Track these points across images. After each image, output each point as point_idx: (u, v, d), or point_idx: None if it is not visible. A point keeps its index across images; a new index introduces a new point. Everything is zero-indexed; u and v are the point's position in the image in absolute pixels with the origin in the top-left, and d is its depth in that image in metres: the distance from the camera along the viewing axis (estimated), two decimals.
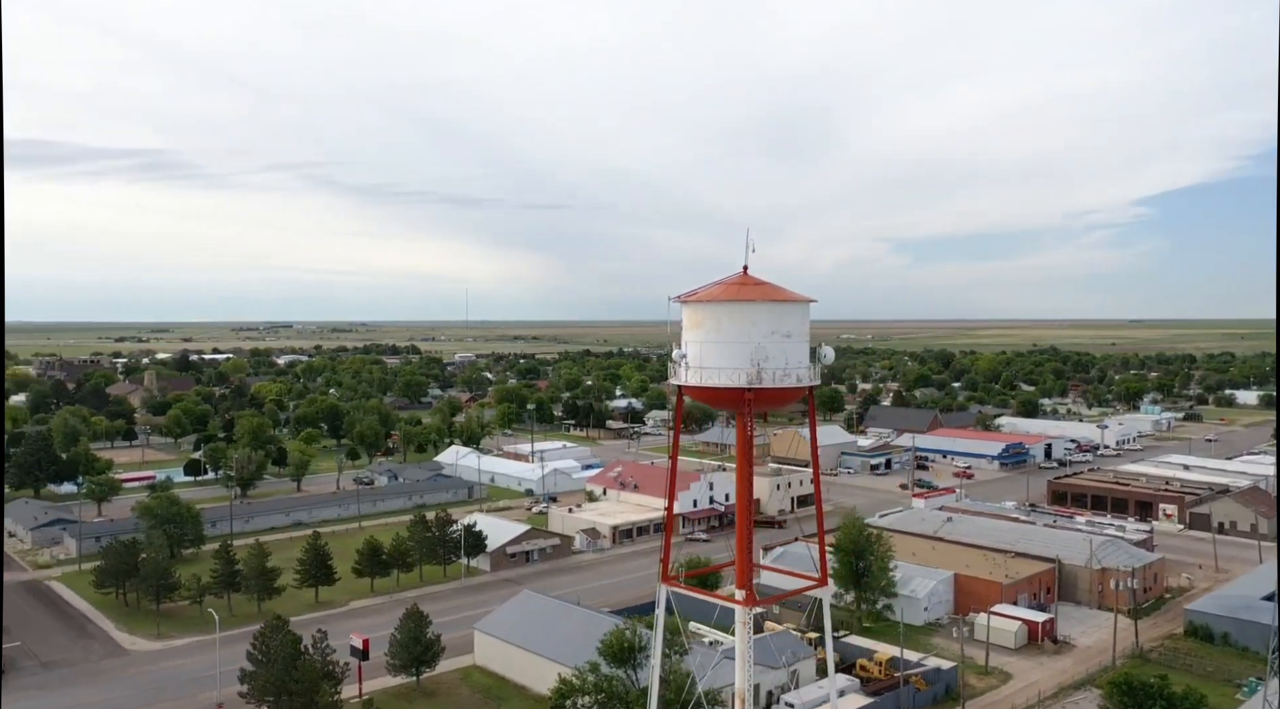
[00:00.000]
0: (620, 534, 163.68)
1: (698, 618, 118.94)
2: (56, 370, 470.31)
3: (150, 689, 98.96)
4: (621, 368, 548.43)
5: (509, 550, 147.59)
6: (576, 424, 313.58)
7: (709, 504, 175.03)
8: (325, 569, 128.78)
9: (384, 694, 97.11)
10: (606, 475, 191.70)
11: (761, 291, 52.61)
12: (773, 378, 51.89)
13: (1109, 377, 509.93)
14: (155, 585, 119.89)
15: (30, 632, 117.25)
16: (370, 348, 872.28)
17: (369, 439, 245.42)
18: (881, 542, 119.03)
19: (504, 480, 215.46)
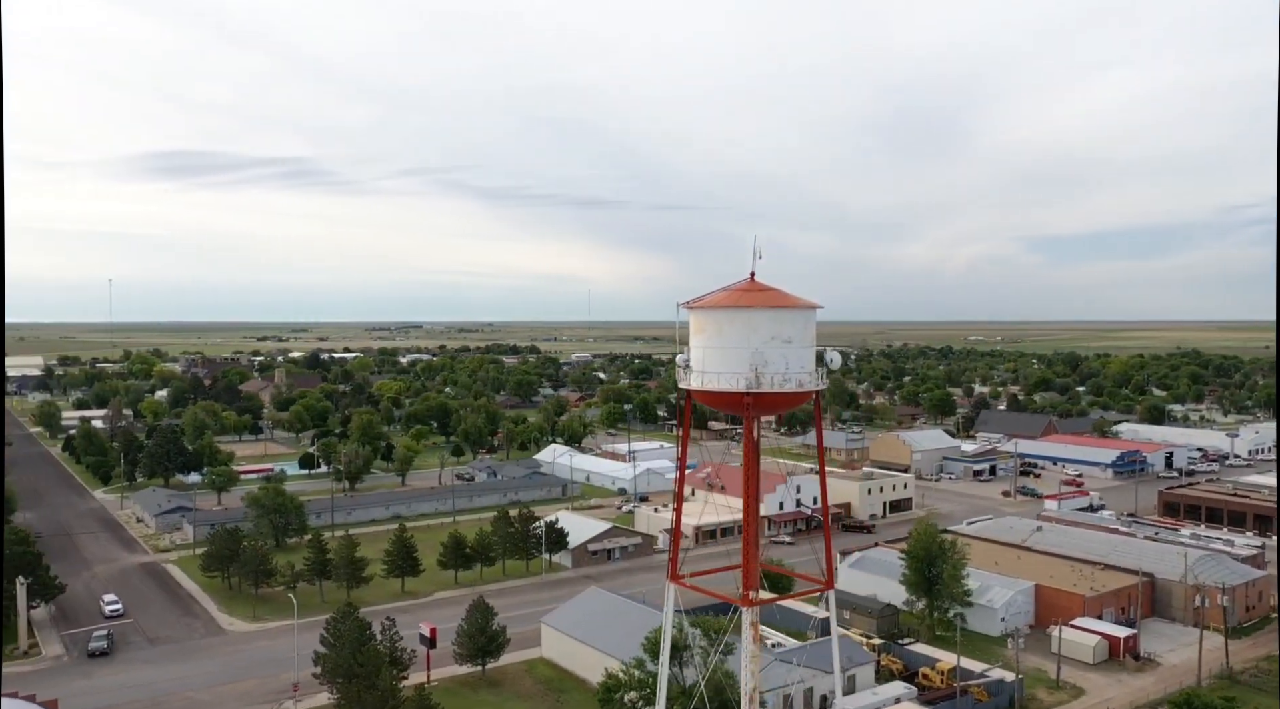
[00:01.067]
0: (703, 534, 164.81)
1: (788, 622, 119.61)
2: (198, 368, 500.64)
3: (240, 667, 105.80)
4: None
5: (590, 548, 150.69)
6: (679, 425, 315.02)
7: (795, 507, 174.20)
8: (411, 561, 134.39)
9: (450, 682, 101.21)
10: (695, 476, 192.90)
11: (762, 298, 53.42)
12: (772, 383, 52.65)
13: (1252, 382, 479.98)
14: (254, 571, 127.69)
15: (143, 610, 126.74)
16: (492, 348, 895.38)
17: (473, 437, 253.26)
18: (955, 549, 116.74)
19: (599, 479, 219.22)
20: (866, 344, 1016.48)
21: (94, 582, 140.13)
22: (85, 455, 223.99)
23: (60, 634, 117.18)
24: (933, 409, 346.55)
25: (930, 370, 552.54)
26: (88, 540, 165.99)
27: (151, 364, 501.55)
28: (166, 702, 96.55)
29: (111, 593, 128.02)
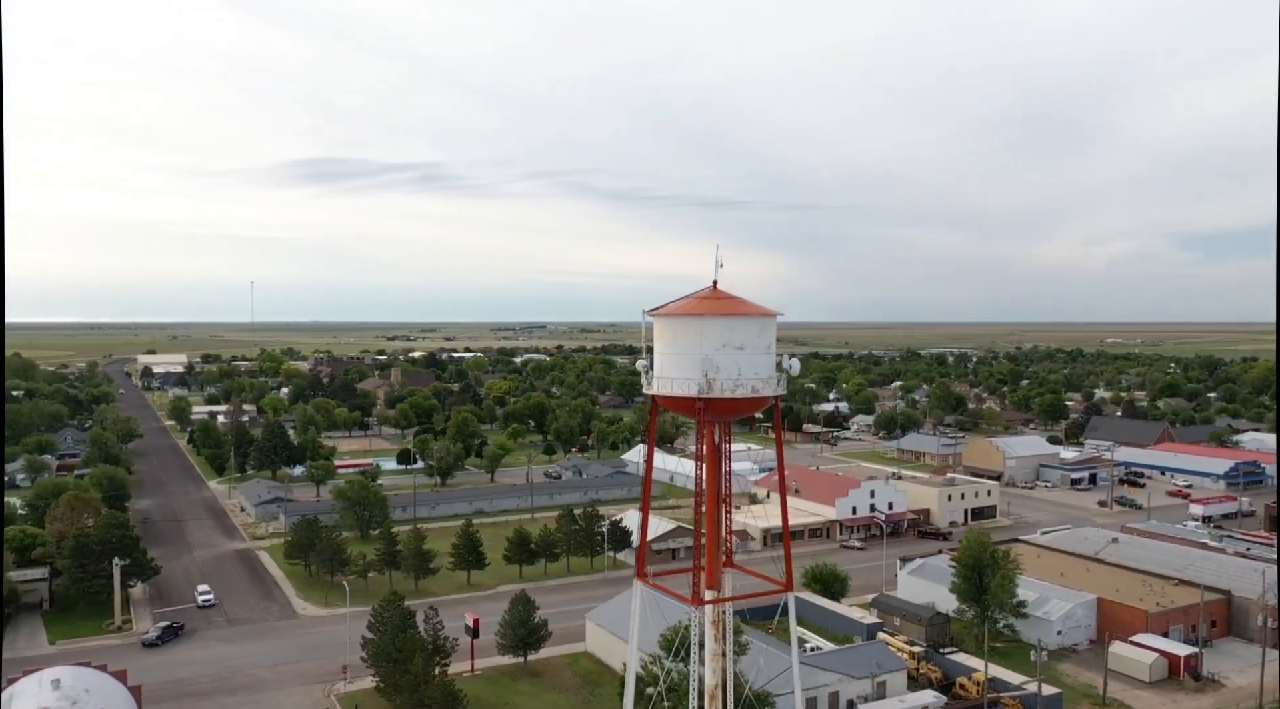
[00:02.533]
0: (772, 537, 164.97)
1: (820, 623, 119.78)
2: (323, 366, 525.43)
3: (305, 649, 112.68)
4: (843, 370, 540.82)
5: (654, 546, 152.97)
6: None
7: (869, 512, 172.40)
8: (476, 554, 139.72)
9: (493, 671, 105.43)
10: (771, 478, 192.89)
11: (713, 306, 54.91)
12: (723, 388, 54.11)
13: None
14: (329, 560, 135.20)
15: (229, 592, 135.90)
16: (608, 348, 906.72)
17: (565, 436, 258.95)
18: (1007, 559, 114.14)
19: (681, 480, 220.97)
20: (994, 346, 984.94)
21: (192, 565, 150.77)
22: (203, 448, 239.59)
23: (153, 612, 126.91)
24: (1043, 414, 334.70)
25: (1051, 374, 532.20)
26: (194, 526, 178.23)
27: (280, 362, 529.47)
28: (231, 678, 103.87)
29: (205, 583, 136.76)
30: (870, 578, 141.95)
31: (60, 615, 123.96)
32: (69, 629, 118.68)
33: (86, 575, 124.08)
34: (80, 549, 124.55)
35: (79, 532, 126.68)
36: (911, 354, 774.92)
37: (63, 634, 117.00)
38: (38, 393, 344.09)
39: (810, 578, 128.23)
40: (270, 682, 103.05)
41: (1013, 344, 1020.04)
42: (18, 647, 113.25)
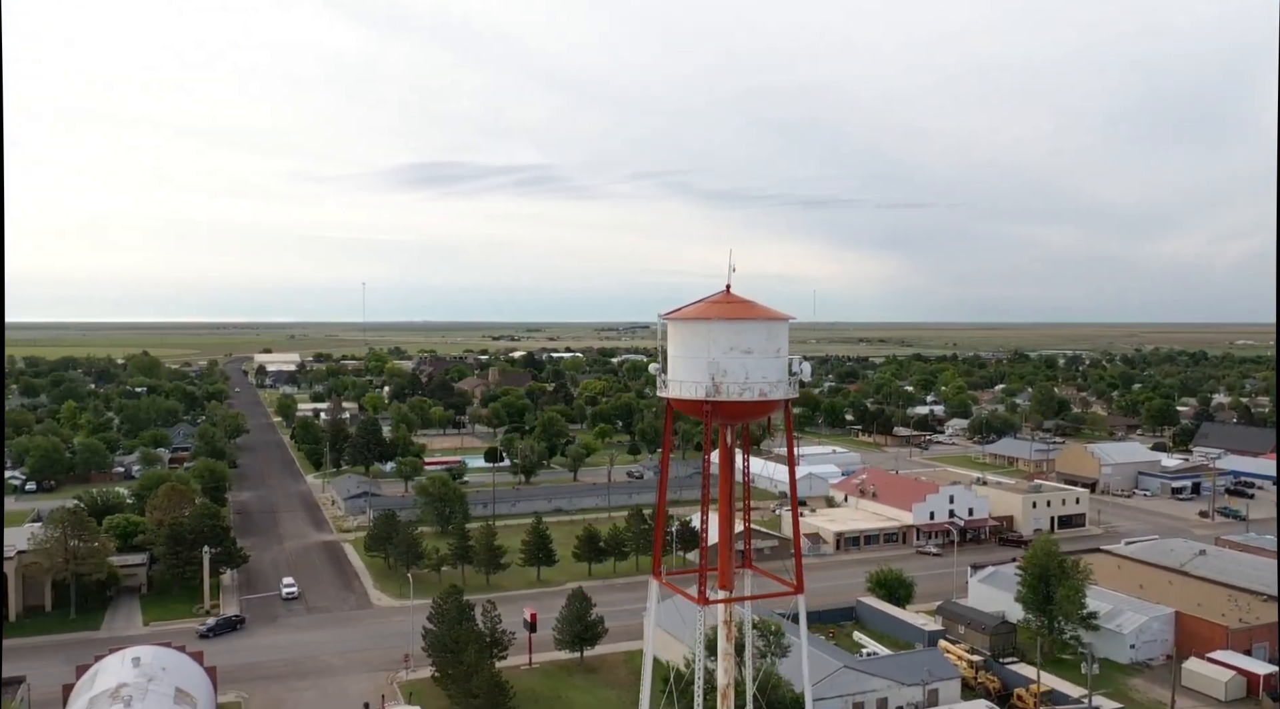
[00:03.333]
0: (846, 541, 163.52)
1: (889, 630, 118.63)
2: (425, 365, 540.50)
3: (373, 638, 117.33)
4: (944, 372, 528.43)
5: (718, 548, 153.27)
6: (864, 429, 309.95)
7: (948, 517, 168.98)
8: (546, 551, 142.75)
9: (550, 665, 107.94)
10: (850, 482, 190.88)
11: (721, 310, 55.58)
12: (730, 392, 54.80)
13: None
14: (405, 553, 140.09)
15: (311, 582, 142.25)
16: None
17: (649, 436, 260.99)
18: (1076, 569, 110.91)
19: (762, 482, 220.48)
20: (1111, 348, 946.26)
21: (281, 555, 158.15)
22: (302, 443, 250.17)
23: (240, 598, 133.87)
24: (1150, 420, 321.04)
25: (1167, 378, 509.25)
26: (288, 518, 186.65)
27: (384, 361, 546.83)
28: (303, 663, 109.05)
29: (291, 575, 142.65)
30: (941, 585, 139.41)
31: (156, 599, 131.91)
32: (162, 612, 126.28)
33: (179, 562, 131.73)
34: (174, 537, 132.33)
35: (174, 521, 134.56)
36: (1019, 356, 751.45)
37: (156, 616, 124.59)
38: (159, 389, 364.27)
39: (875, 583, 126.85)
40: (339, 668, 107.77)
41: (1132, 346, 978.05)
42: (115, 626, 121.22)
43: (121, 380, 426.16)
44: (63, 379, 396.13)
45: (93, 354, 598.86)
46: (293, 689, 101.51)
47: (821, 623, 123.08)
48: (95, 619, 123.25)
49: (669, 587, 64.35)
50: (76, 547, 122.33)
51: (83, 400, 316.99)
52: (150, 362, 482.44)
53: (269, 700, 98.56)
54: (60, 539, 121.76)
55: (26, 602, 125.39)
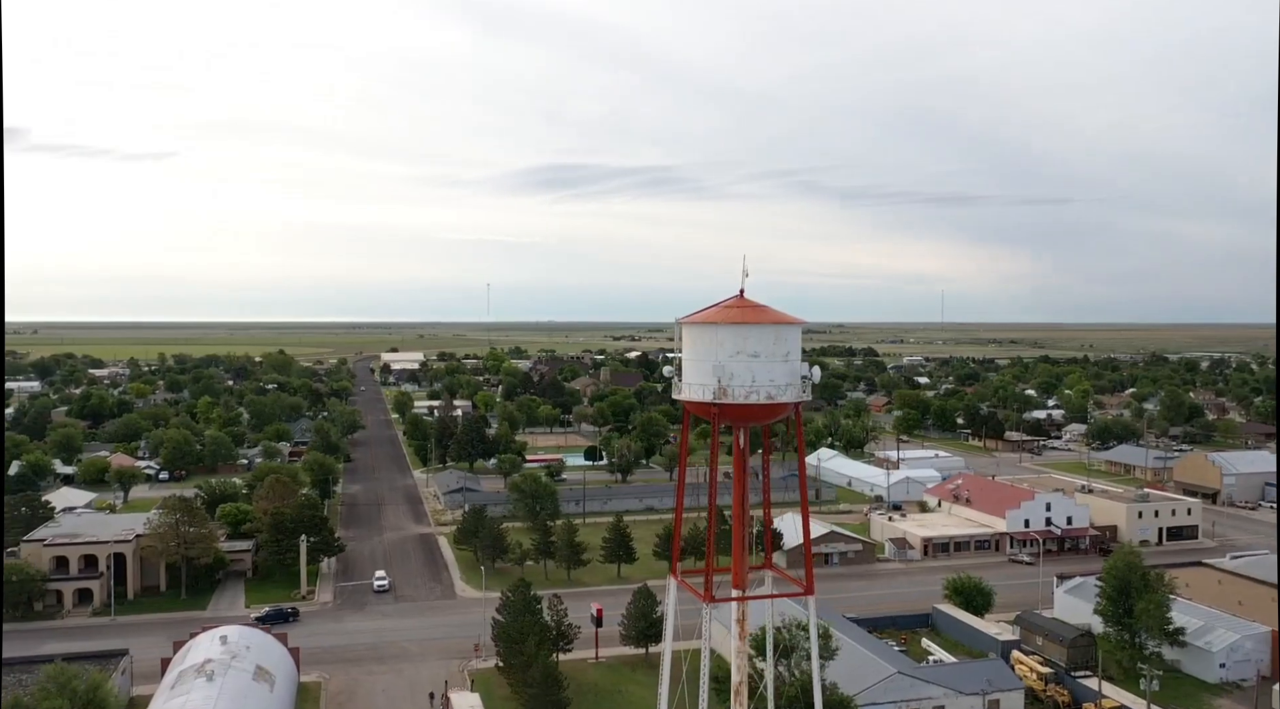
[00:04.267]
0: (935, 547, 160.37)
1: (963, 639, 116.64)
2: (541, 365, 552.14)
3: (452, 627, 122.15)
4: (1070, 375, 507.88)
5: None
6: (974, 433, 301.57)
7: (1044, 526, 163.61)
8: (626, 548, 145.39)
9: (615, 660, 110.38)
10: (945, 486, 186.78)
11: (727, 315, 56.57)
12: (735, 394, 55.82)
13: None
14: (490, 546, 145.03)
15: (403, 571, 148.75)
16: (827, 349, 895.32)
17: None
18: (1161, 582, 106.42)
19: (859, 485, 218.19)
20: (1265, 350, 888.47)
21: (379, 546, 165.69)
22: (412, 439, 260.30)
23: (335, 585, 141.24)
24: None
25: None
26: (391, 511, 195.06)
27: (501, 360, 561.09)
28: (382, 648, 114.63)
29: (383, 568, 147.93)
30: (1027, 594, 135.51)
31: (259, 583, 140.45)
32: (263, 596, 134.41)
33: (281, 549, 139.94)
34: (277, 526, 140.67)
35: (276, 510, 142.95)
36: (1157, 359, 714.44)
37: (257, 600, 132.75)
38: (288, 386, 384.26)
39: (952, 590, 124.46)
40: (415, 654, 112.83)
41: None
42: (220, 607, 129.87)
43: (256, 377, 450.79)
44: (202, 376, 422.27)
45: (233, 353, 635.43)
46: (370, 672, 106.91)
47: (896, 629, 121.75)
48: (203, 600, 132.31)
49: (683, 585, 65.48)
50: (187, 532, 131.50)
51: (218, 396, 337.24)
52: (284, 360, 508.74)
53: (347, 682, 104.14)
54: (173, 525, 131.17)
55: (144, 582, 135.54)
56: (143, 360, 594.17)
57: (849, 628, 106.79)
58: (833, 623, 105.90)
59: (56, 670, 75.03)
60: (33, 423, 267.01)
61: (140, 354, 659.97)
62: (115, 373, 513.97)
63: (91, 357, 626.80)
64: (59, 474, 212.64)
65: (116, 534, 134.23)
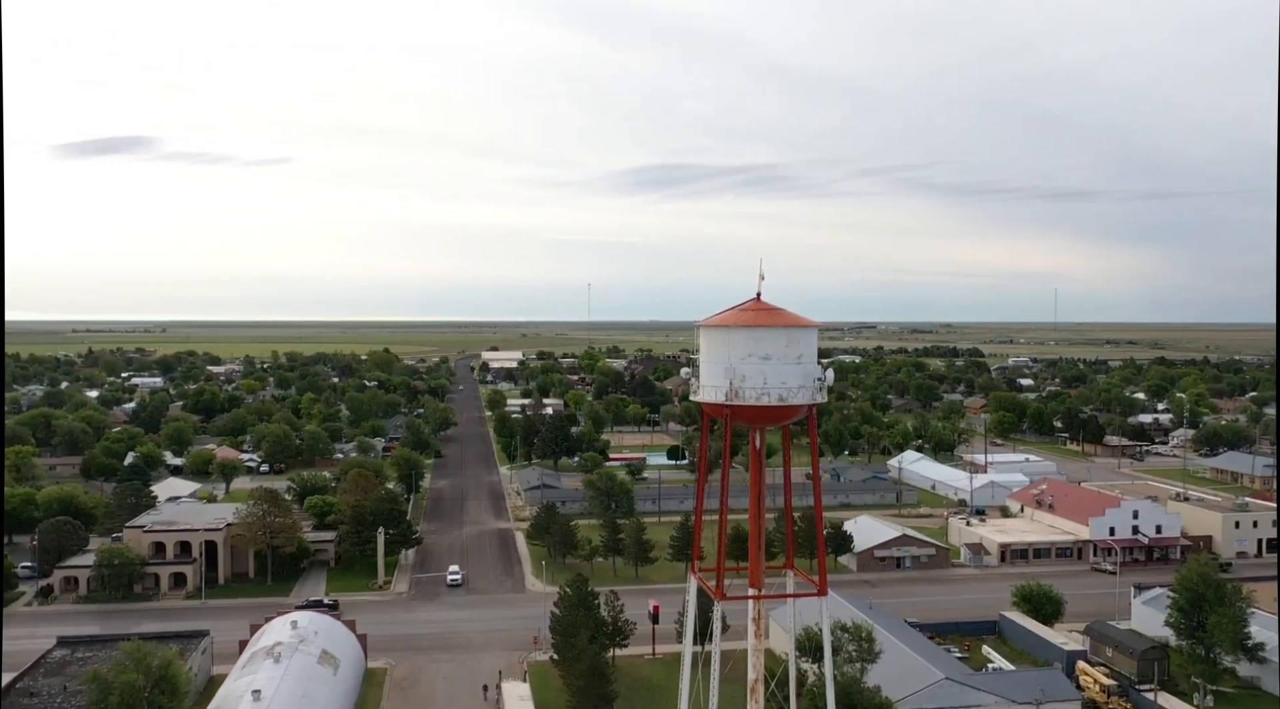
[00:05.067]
0: (1012, 553, 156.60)
1: (1029, 647, 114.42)
2: (636, 364, 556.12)
3: (517, 620, 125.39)
4: (1185, 377, 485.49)
5: (877, 554, 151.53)
6: (1071, 437, 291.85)
7: (1130, 534, 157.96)
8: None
9: (670, 656, 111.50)
10: (1028, 491, 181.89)
11: (739, 318, 57.41)
12: (746, 396, 56.65)
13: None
14: (560, 542, 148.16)
15: (478, 565, 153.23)
16: (931, 349, 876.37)
17: (833, 439, 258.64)
18: (1238, 594, 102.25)
19: (943, 488, 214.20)
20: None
21: (458, 540, 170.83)
22: (501, 436, 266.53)
23: (412, 576, 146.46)
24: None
25: None
26: (473, 505, 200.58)
27: (597, 359, 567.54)
28: (449, 637, 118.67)
29: (457, 563, 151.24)
30: (1105, 604, 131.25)
31: (340, 572, 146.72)
32: (343, 585, 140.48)
33: (361, 541, 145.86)
34: (357, 518, 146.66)
35: (357, 503, 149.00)
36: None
37: (337, 588, 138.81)
38: (388, 384, 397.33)
39: (1020, 597, 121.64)
40: (479, 645, 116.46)
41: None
42: (302, 594, 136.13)
43: (360, 375, 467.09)
44: (309, 373, 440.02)
45: (340, 351, 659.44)
46: (435, 660, 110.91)
47: (961, 635, 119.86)
48: (287, 587, 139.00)
49: (700, 582, 66.58)
50: (273, 522, 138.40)
51: (321, 393, 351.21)
52: (387, 358, 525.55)
53: (411, 668, 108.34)
54: (260, 516, 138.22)
55: (234, 568, 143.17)
56: (257, 358, 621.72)
57: (905, 632, 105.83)
58: (887, 626, 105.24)
59: (133, 647, 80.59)
60: (150, 417, 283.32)
61: (255, 352, 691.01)
62: (231, 370, 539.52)
63: (211, 354, 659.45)
64: (169, 465, 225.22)
65: (209, 523, 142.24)
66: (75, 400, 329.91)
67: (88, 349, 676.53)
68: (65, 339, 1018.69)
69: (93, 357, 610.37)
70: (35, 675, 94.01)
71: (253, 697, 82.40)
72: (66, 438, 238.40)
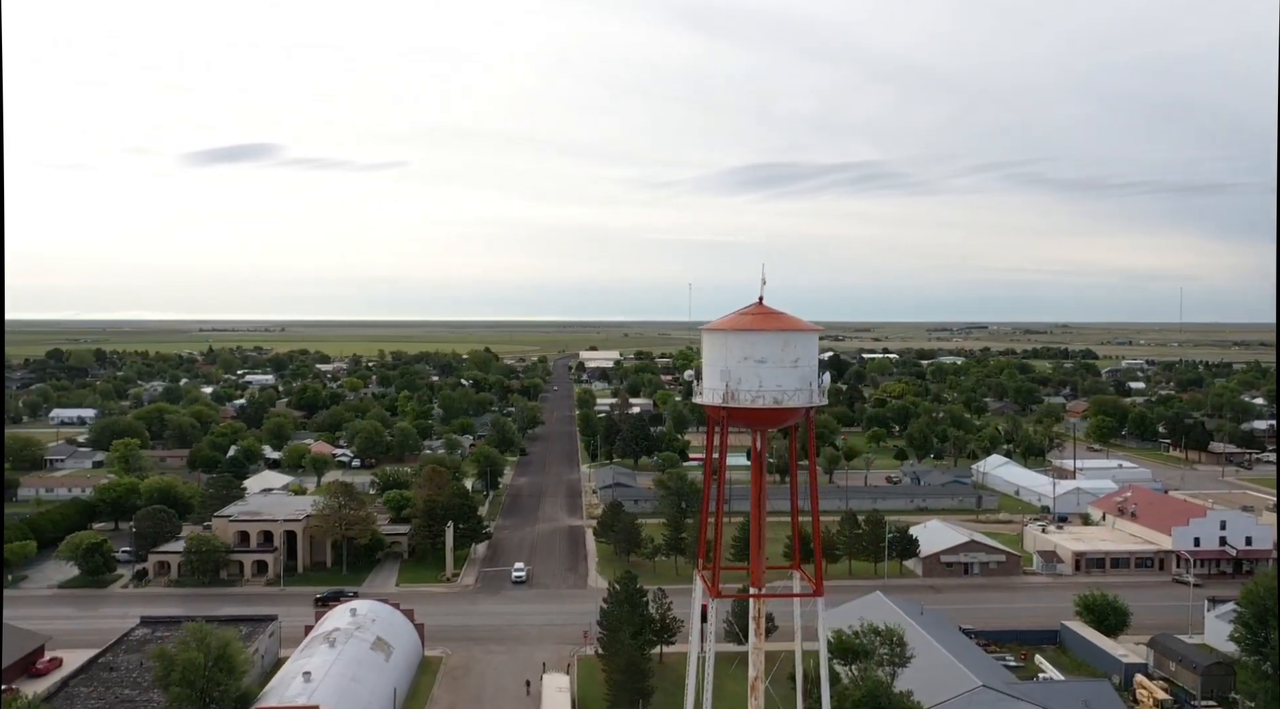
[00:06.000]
0: (1088, 562, 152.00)
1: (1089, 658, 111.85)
2: None
3: (572, 614, 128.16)
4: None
5: (944, 559, 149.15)
6: (1173, 444, 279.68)
7: (1217, 545, 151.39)
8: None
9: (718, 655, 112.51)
10: (1111, 499, 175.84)
11: (735, 322, 58.43)
12: (742, 399, 57.73)
13: None
14: (624, 540, 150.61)
15: (545, 560, 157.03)
16: (1040, 351, 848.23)
17: (918, 441, 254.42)
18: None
19: (1027, 494, 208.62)
20: None
21: (531, 535, 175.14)
22: (585, 435, 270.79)
23: (480, 570, 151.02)
24: None
25: None
26: (549, 502, 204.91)
27: (690, 359, 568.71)
28: (505, 630, 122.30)
29: (523, 560, 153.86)
30: (1180, 617, 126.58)
31: (413, 565, 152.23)
32: (413, 576, 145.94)
33: (432, 534, 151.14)
34: (429, 512, 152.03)
35: (430, 498, 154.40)
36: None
37: (408, 579, 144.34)
38: (484, 383, 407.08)
39: (1083, 606, 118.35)
40: (534, 637, 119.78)
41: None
42: (375, 584, 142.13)
43: (459, 373, 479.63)
44: (408, 372, 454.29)
45: (441, 349, 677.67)
46: (489, 651, 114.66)
47: (1020, 643, 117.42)
48: (361, 577, 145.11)
49: (702, 581, 67.79)
50: (348, 515, 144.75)
51: (417, 391, 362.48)
52: (486, 357, 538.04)
53: (465, 658, 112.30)
54: (336, 508, 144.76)
55: (313, 558, 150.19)
56: (365, 357, 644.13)
57: (953, 638, 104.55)
58: (935, 631, 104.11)
59: (196, 628, 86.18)
60: (254, 413, 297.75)
61: (364, 350, 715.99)
62: (337, 368, 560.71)
63: (321, 353, 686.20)
64: (268, 459, 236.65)
65: (290, 514, 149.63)
66: (190, 396, 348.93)
67: (209, 347, 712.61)
68: (191, 338, 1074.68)
69: (212, 355, 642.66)
70: (117, 652, 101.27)
71: (304, 678, 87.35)
72: (176, 432, 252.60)
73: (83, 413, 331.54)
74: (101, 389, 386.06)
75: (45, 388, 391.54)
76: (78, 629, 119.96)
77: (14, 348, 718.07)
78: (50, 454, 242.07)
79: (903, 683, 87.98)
